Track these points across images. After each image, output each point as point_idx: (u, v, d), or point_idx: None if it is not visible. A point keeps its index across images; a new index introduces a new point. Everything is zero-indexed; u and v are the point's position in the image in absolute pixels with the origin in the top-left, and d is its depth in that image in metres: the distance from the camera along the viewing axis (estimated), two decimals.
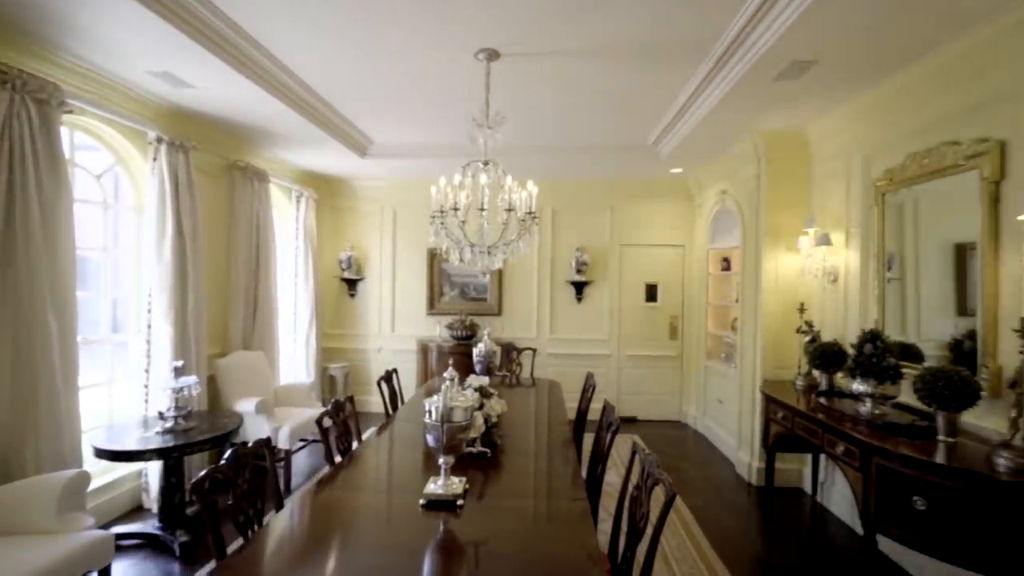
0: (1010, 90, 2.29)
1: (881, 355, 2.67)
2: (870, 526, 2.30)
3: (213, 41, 2.65)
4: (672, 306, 5.98)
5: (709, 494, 3.92)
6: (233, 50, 2.80)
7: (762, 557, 3.04)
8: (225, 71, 2.88)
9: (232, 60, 2.83)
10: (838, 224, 3.60)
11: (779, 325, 3.96)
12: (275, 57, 3.05)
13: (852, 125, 3.42)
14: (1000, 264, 2.34)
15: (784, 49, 2.59)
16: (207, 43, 2.62)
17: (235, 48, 2.80)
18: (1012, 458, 1.95)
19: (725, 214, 4.98)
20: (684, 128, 3.97)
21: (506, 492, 2.09)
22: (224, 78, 2.99)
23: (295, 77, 3.31)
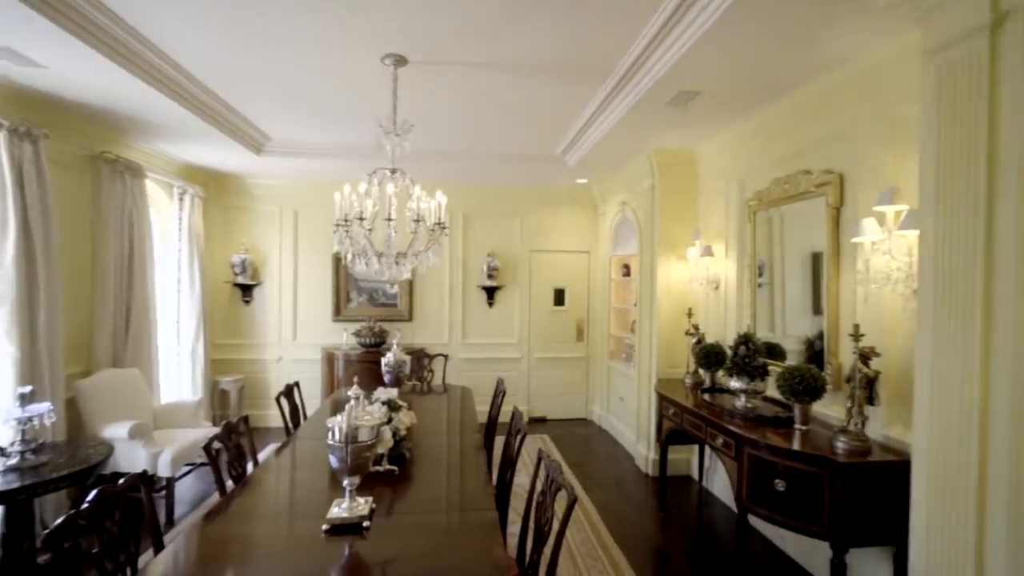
0: (848, 132, 2.73)
1: (752, 356, 3.04)
2: (742, 508, 2.62)
3: (65, 15, 2.30)
4: (578, 309, 6.28)
5: (611, 487, 4.18)
6: (94, 28, 2.45)
7: (657, 543, 3.31)
8: (81, 50, 2.50)
9: (90, 38, 2.45)
10: (719, 237, 4.03)
11: (671, 328, 4.34)
12: (148, 40, 2.72)
13: (730, 150, 3.85)
14: (840, 277, 2.78)
15: (673, 79, 2.84)
16: (57, 17, 2.26)
17: (96, 26, 2.45)
18: (848, 441, 2.32)
19: (626, 223, 5.34)
20: (588, 142, 4.20)
21: (416, 507, 2.08)
22: (81, 58, 2.60)
23: (171, 62, 2.96)
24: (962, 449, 1.68)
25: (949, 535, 1.72)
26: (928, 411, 1.80)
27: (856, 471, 2.21)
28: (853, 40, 2.39)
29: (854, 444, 2.31)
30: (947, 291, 1.74)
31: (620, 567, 2.93)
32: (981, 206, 1.63)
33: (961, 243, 1.69)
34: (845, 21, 2.22)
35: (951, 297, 1.72)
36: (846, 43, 2.42)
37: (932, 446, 1.78)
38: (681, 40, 2.46)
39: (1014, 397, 1.54)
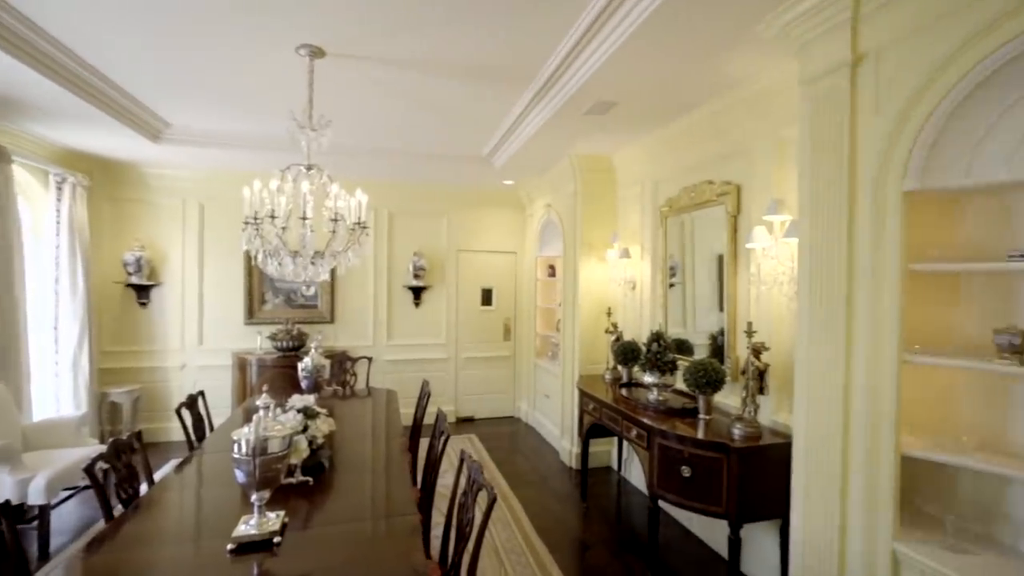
0: (743, 148, 3.01)
1: (663, 351, 3.26)
2: (653, 494, 2.80)
3: None
4: (506, 309, 6.36)
5: (537, 483, 4.29)
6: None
7: (578, 534, 3.45)
8: None
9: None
10: (636, 240, 4.27)
11: (592, 326, 4.53)
12: (7, 3, 2.39)
13: (645, 158, 4.09)
14: (737, 279, 3.06)
15: (592, 89, 2.97)
16: None
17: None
18: (743, 428, 2.57)
19: (551, 225, 5.49)
20: (514, 145, 4.27)
21: (334, 517, 2.01)
22: None
23: (40, 31, 2.61)
24: (830, 428, 1.92)
25: (820, 503, 1.96)
26: (805, 396, 2.04)
27: (749, 454, 2.45)
28: (747, 65, 2.64)
29: (748, 430, 2.56)
30: (819, 292, 1.98)
31: (544, 561, 3.02)
32: (844, 218, 1.88)
33: (829, 250, 1.94)
34: (740, 48, 2.45)
35: (822, 297, 1.97)
36: (741, 67, 2.67)
37: (808, 427, 2.03)
38: (598, 52, 2.58)
39: (868, 383, 1.80)
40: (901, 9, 1.71)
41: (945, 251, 1.82)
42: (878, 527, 1.75)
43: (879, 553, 1.75)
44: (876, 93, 1.80)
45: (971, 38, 1.50)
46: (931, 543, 1.68)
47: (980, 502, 1.75)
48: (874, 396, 1.77)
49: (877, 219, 1.77)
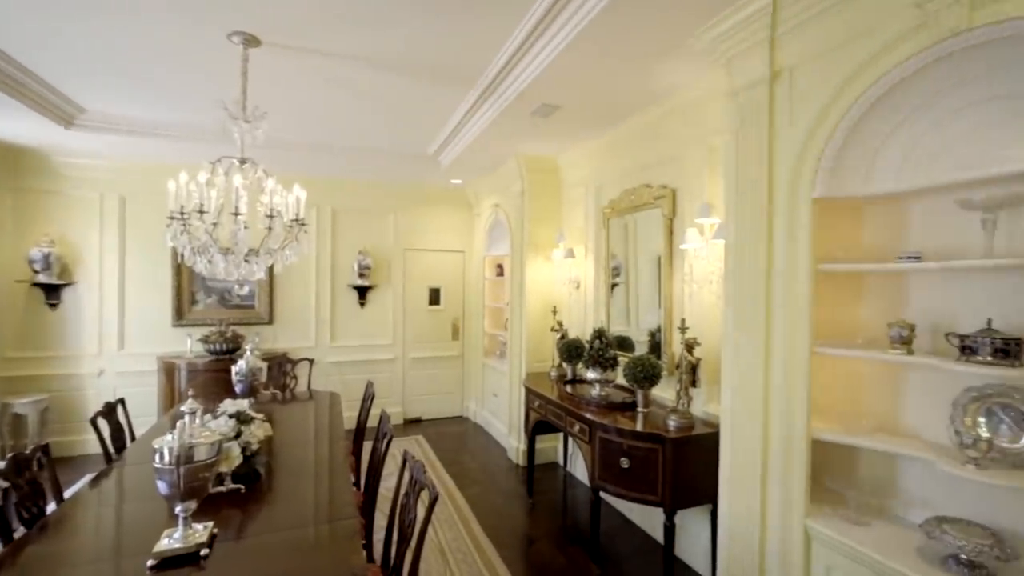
0: (678, 153, 3.17)
1: (605, 348, 3.37)
2: (595, 486, 2.90)
3: None
4: (454, 308, 6.33)
5: (484, 481, 4.31)
6: None
7: (524, 529, 3.50)
8: None
9: None
10: (580, 240, 4.38)
11: (539, 325, 4.61)
12: None
13: (588, 161, 4.20)
14: (673, 278, 3.22)
15: (536, 92, 3.02)
16: None
17: None
18: (677, 419, 2.71)
19: (499, 225, 5.53)
20: (460, 144, 4.26)
21: (271, 525, 1.93)
22: None
23: None
24: (752, 416, 2.07)
25: (743, 486, 2.11)
26: (731, 388, 2.19)
27: (682, 444, 2.59)
28: (681, 76, 2.78)
29: (682, 421, 2.70)
30: (741, 290, 2.12)
31: (490, 558, 3.04)
32: (763, 222, 2.03)
33: (750, 252, 2.08)
34: (674, 59, 2.58)
35: (744, 295, 2.11)
36: (676, 77, 2.81)
37: (733, 416, 2.17)
38: (543, 55, 2.63)
39: (784, 374, 1.95)
40: (811, 32, 1.87)
41: (850, 253, 2.00)
42: (792, 506, 1.91)
43: (793, 529, 1.91)
44: (791, 107, 1.95)
45: (868, 61, 1.67)
46: (836, 517, 1.85)
47: (877, 478, 1.95)
48: (789, 386, 1.93)
49: (791, 223, 1.93)
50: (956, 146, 1.62)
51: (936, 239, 1.77)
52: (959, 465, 1.55)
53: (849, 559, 1.73)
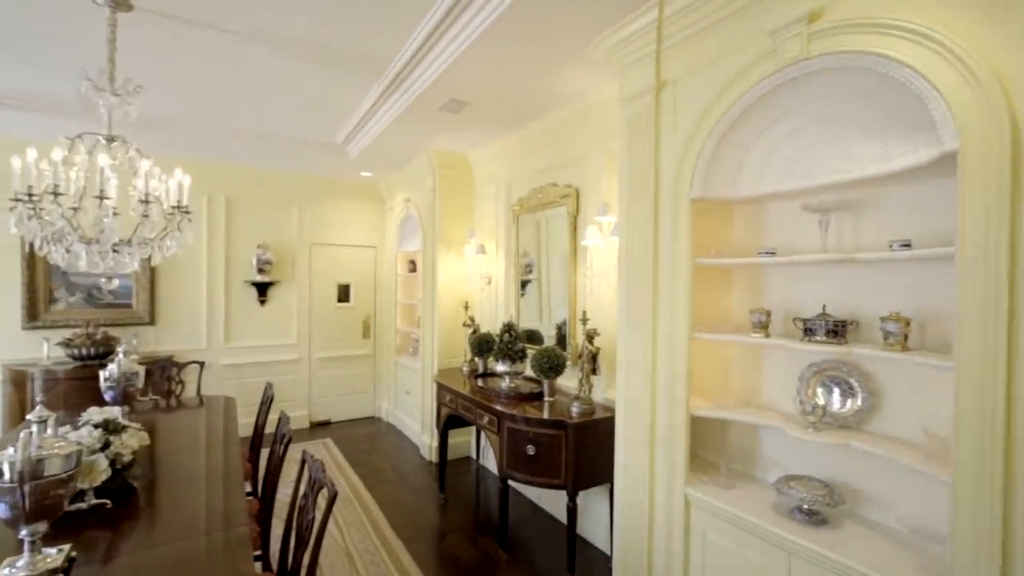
0: (581, 155, 3.34)
1: (513, 341, 3.46)
2: (504, 475, 2.98)
3: None
4: (365, 305, 6.13)
5: (395, 480, 4.24)
6: None
7: (435, 524, 3.50)
8: None
9: None
10: (491, 237, 4.45)
11: (451, 320, 4.61)
12: None
13: (499, 159, 4.28)
14: (577, 273, 3.39)
15: (444, 86, 3.02)
16: None
17: None
18: (580, 406, 2.86)
19: (411, 220, 5.44)
20: (369, 135, 4.13)
21: (147, 542, 1.75)
22: None
23: None
24: (642, 397, 2.25)
25: (635, 462, 2.29)
26: (624, 372, 2.36)
27: (583, 428, 2.75)
28: (583, 81, 2.93)
29: (583, 407, 2.86)
30: (633, 283, 2.30)
31: (398, 556, 3.00)
32: (651, 220, 2.21)
33: (640, 247, 2.26)
34: (575, 65, 2.71)
35: (635, 288, 2.29)
36: (578, 82, 2.96)
37: (626, 399, 2.34)
38: (449, 50, 2.64)
39: (668, 358, 2.15)
40: (690, 49, 2.07)
41: (723, 248, 2.25)
42: (675, 476, 2.11)
43: (676, 497, 2.11)
44: (674, 115, 2.15)
45: (734, 78, 1.89)
46: (710, 484, 2.08)
47: (743, 447, 2.22)
48: (672, 369, 2.13)
49: (674, 222, 2.12)
50: (801, 158, 1.89)
51: (787, 237, 2.06)
52: (801, 430, 1.82)
53: (720, 519, 1.95)
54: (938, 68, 1.34)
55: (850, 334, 1.78)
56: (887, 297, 1.74)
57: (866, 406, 1.80)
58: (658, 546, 2.18)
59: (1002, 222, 1.24)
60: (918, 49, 1.38)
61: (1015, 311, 1.24)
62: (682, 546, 2.08)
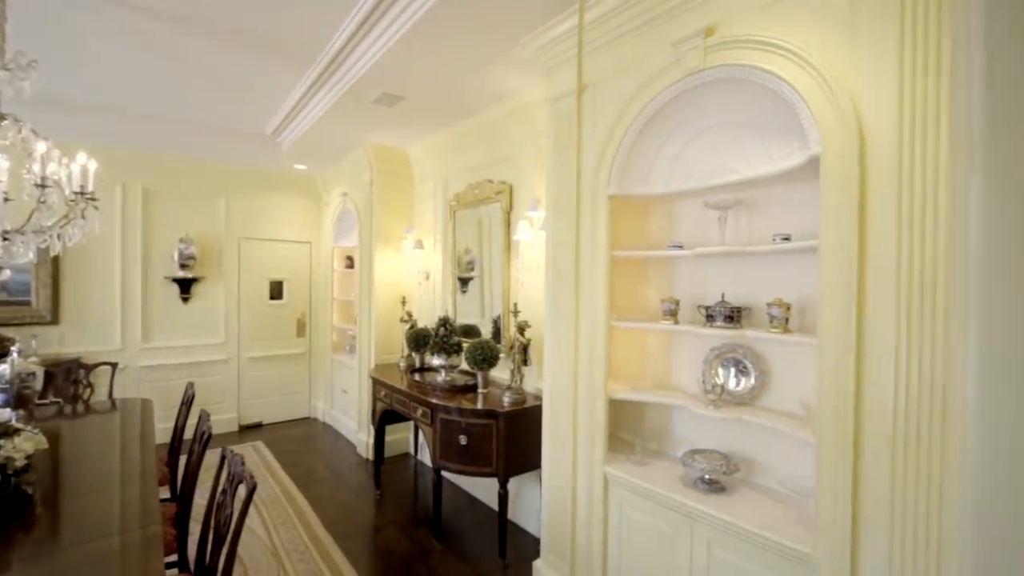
0: (514, 152, 3.43)
1: (449, 335, 3.51)
2: (437, 466, 3.02)
3: None
4: (300, 303, 5.93)
5: (330, 479, 4.16)
6: None
7: (370, 520, 3.47)
8: None
9: None
10: (430, 233, 4.46)
11: (388, 316, 4.58)
12: None
13: (437, 155, 4.30)
14: (511, 267, 3.48)
15: (376, 79, 3.02)
16: None
17: None
18: (511, 395, 2.95)
19: (348, 215, 5.33)
20: (301, 126, 4.03)
21: (40, 550, 1.65)
22: None
23: None
24: (565, 384, 2.37)
25: (559, 446, 2.41)
26: (550, 361, 2.47)
27: (514, 417, 2.84)
28: (516, 81, 3.02)
29: (515, 397, 2.95)
30: (558, 275, 2.41)
31: (329, 553, 2.96)
32: (573, 215, 2.33)
33: (564, 241, 2.38)
34: (506, 64, 2.80)
35: (560, 279, 2.40)
36: (512, 82, 3.05)
37: (552, 386, 2.46)
38: (380, 42, 2.65)
39: (588, 345, 2.27)
40: (607, 55, 2.21)
41: (639, 243, 2.41)
42: (594, 456, 2.25)
43: (595, 477, 2.24)
44: (594, 116, 2.28)
45: (645, 84, 2.04)
46: (626, 462, 2.23)
47: (657, 426, 2.39)
48: (592, 355, 2.26)
49: (593, 216, 2.26)
50: (702, 160, 2.08)
51: (694, 232, 2.24)
52: (703, 407, 2.00)
53: (634, 493, 2.10)
54: (805, 82, 1.54)
55: (744, 319, 1.97)
56: (774, 285, 1.95)
57: (758, 384, 2.00)
58: (581, 522, 2.31)
59: (852, 219, 1.45)
60: (790, 65, 1.57)
61: (863, 297, 1.45)
62: (601, 520, 2.22)
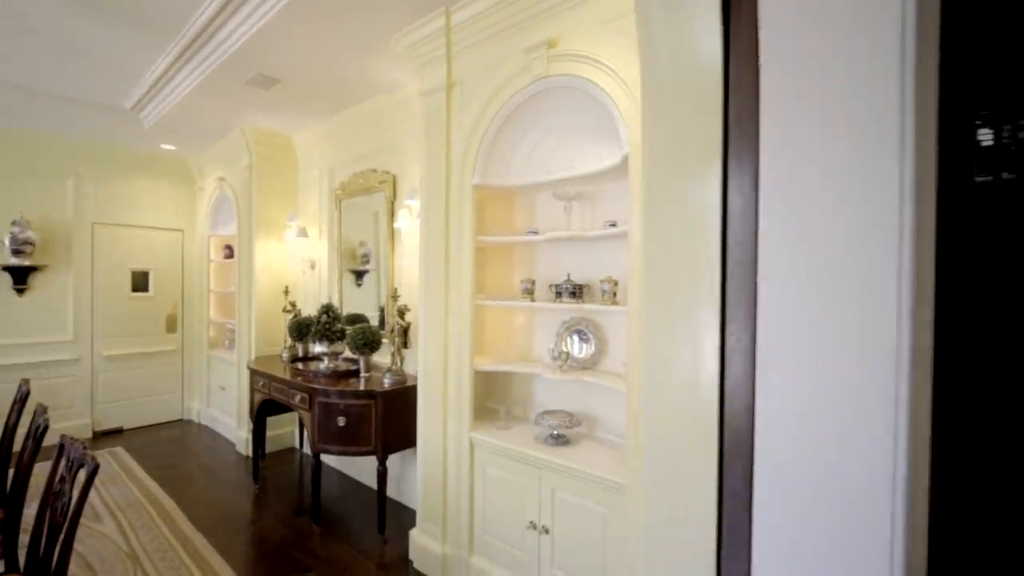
0: (398, 143, 3.53)
1: (332, 322, 3.51)
2: (316, 450, 3.03)
3: None
4: (170, 295, 5.46)
5: (203, 479, 3.93)
6: None
7: (248, 515, 3.36)
8: None
9: None
10: (315, 221, 4.38)
11: (271, 307, 4.42)
12: None
13: (322, 143, 4.24)
14: (394, 254, 3.58)
15: (249, 59, 2.94)
16: None
17: None
18: (392, 377, 3.06)
19: (226, 201, 5.02)
20: (166, 103, 3.75)
21: None
22: None
23: None
24: (437, 359, 2.54)
25: (432, 417, 2.57)
26: (424, 339, 2.62)
27: (392, 396, 2.96)
28: (398, 73, 3.11)
29: (395, 378, 3.06)
30: (430, 259, 2.57)
31: (199, 549, 2.85)
32: (443, 203, 2.51)
33: (436, 227, 2.54)
34: (384, 57, 2.88)
35: (432, 263, 2.57)
36: (394, 74, 3.13)
37: (426, 362, 2.61)
38: (252, 19, 2.60)
39: (456, 322, 2.46)
40: (472, 56, 2.41)
41: (505, 229, 2.65)
42: (462, 424, 2.44)
43: (463, 443, 2.44)
44: (461, 111, 2.47)
45: (503, 85, 2.27)
46: (491, 427, 2.46)
47: (522, 394, 2.66)
48: (460, 332, 2.45)
49: (460, 204, 2.45)
50: (551, 156, 2.36)
51: (549, 220, 2.53)
52: (553, 373, 2.28)
53: (495, 454, 2.33)
54: (618, 93, 1.85)
55: (585, 295, 2.29)
56: (608, 264, 2.28)
57: (597, 350, 2.33)
58: (451, 487, 2.50)
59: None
60: (608, 78, 1.88)
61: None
62: (468, 483, 2.42)
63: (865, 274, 0.67)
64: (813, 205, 0.73)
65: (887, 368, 0.64)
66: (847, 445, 0.67)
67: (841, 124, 0.69)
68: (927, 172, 0.66)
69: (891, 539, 0.62)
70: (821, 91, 0.70)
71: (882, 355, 0.65)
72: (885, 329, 0.64)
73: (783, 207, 0.76)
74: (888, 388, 0.64)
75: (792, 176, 0.74)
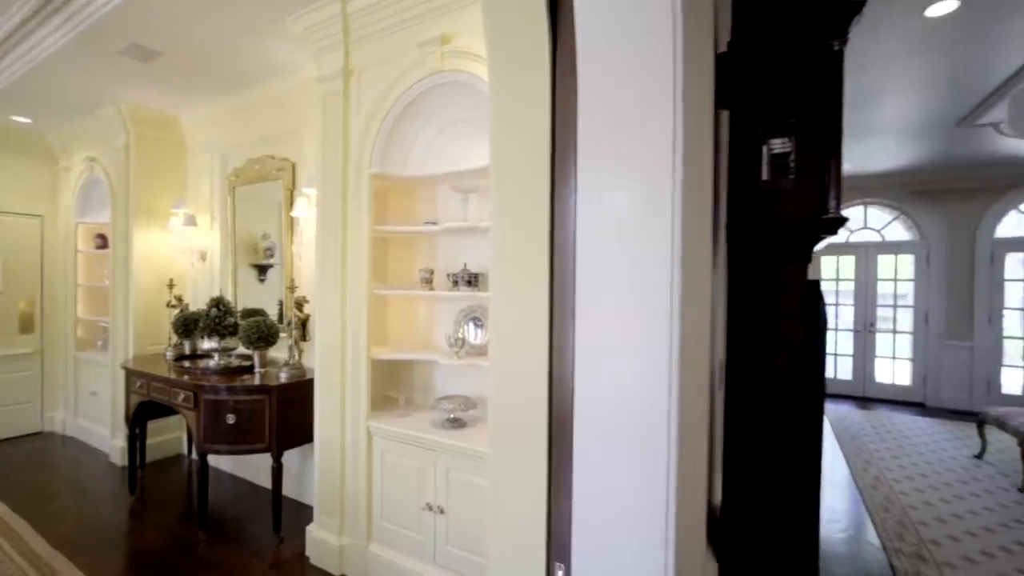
0: (297, 129, 3.40)
1: (223, 316, 3.30)
2: (202, 451, 2.85)
3: None
4: (25, 290, 4.77)
5: (66, 495, 3.51)
6: None
7: (123, 528, 3.06)
8: None
9: None
10: (206, 209, 4.08)
11: (153, 302, 4.04)
12: None
13: (215, 126, 3.96)
14: (293, 244, 3.45)
15: (121, 25, 2.69)
16: None
17: None
18: (288, 371, 2.95)
19: (98, 185, 4.50)
20: (19, 66, 3.30)
21: None
22: None
23: None
24: (334, 350, 2.51)
25: (329, 409, 2.53)
26: (321, 330, 2.58)
27: (288, 390, 2.86)
28: (297, 56, 3.00)
29: (293, 372, 2.96)
30: (327, 249, 2.54)
31: (57, 570, 2.55)
32: (340, 192, 2.48)
33: (333, 217, 2.51)
34: (281, 39, 2.78)
35: (329, 253, 2.53)
36: (292, 57, 3.02)
37: (322, 354, 2.57)
38: None
39: (353, 312, 2.45)
40: (370, 46, 2.41)
41: (407, 219, 2.68)
42: (359, 413, 2.44)
43: (360, 432, 2.44)
44: (359, 100, 2.46)
45: (400, 77, 2.30)
46: (389, 415, 2.48)
47: (423, 382, 2.70)
48: (356, 321, 2.44)
49: (358, 193, 2.44)
50: (448, 149, 2.44)
51: (450, 211, 2.60)
52: (449, 359, 2.36)
53: (393, 440, 2.36)
54: None
55: (480, 283, 2.39)
56: None
57: None
58: (349, 477, 2.48)
59: None
60: None
61: None
62: (366, 471, 2.43)
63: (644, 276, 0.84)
64: (615, 222, 0.91)
65: (664, 342, 0.81)
66: (639, 391, 0.82)
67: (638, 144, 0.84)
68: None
69: (667, 458, 0.77)
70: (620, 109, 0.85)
71: (660, 338, 0.81)
72: (662, 325, 0.81)
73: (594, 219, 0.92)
74: (663, 349, 0.80)
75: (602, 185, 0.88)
